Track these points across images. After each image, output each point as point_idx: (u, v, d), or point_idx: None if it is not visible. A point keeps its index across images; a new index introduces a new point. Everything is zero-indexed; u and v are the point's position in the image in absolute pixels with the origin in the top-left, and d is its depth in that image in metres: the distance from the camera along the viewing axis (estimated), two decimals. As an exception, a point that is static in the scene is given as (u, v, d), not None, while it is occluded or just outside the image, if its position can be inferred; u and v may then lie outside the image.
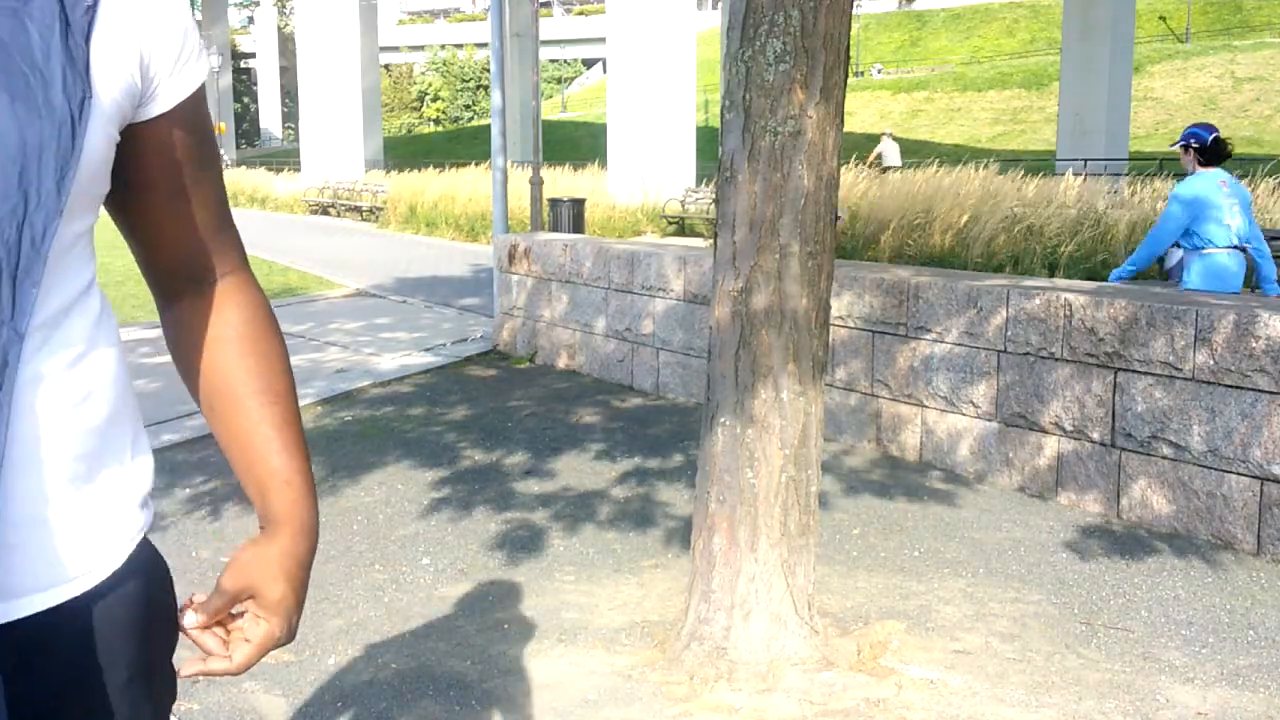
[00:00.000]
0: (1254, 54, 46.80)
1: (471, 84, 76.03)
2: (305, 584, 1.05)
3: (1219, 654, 3.31)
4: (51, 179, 0.81)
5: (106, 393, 0.92)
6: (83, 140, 0.83)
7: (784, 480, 3.17)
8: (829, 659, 3.17)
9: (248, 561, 1.02)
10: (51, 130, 0.81)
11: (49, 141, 0.81)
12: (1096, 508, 4.59)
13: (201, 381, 1.06)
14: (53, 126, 0.81)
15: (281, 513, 1.04)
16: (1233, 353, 4.10)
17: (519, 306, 8.24)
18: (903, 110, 50.42)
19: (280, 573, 1.02)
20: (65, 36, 0.83)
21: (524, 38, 33.49)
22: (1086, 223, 12.98)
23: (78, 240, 0.89)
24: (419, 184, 24.34)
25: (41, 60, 0.81)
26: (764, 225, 3.12)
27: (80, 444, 0.89)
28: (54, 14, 0.83)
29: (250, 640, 1.01)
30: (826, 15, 3.04)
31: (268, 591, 1.02)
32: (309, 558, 1.05)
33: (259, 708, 3.01)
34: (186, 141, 0.98)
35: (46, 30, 0.82)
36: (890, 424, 5.48)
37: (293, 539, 1.04)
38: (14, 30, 0.81)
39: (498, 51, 9.39)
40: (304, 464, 1.07)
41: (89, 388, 0.90)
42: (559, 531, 4.41)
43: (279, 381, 1.06)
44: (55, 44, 0.82)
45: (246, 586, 1.02)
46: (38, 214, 0.80)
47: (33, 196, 0.80)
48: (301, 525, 1.05)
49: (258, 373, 1.04)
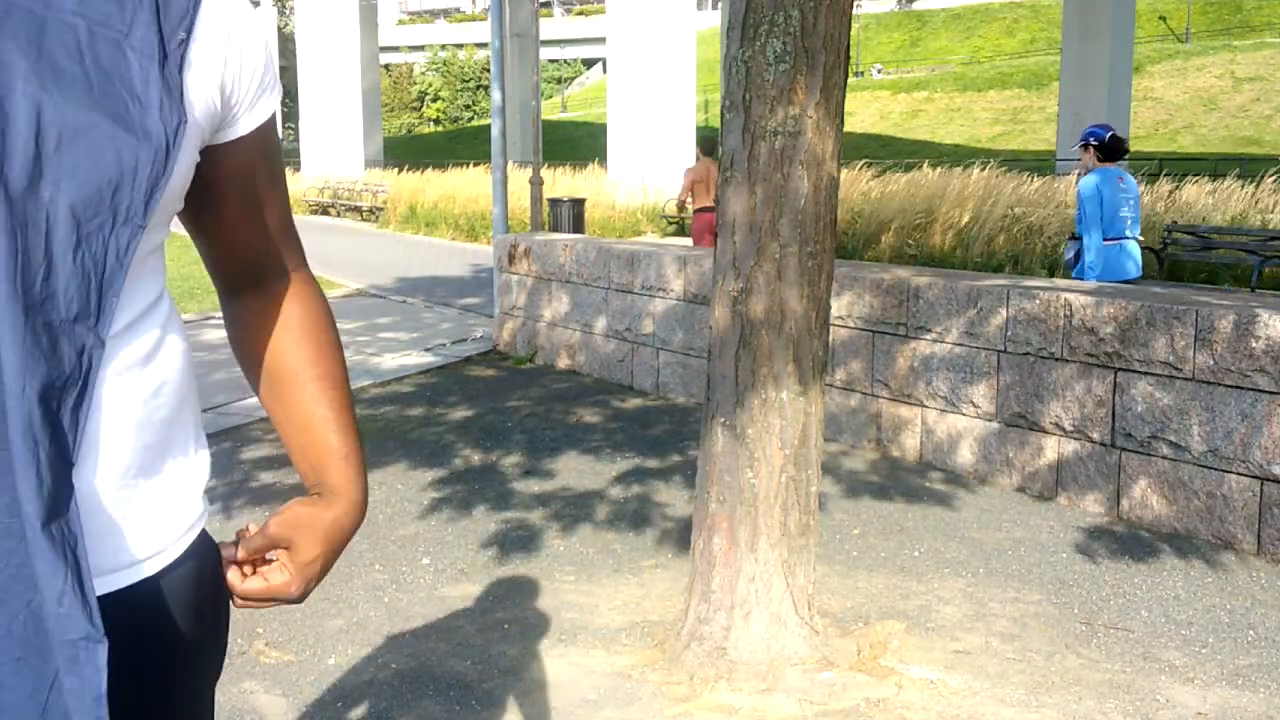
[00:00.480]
0: (1254, 54, 46.80)
1: (471, 84, 76.03)
2: (337, 556, 1.13)
3: (1219, 654, 3.31)
4: (141, 198, 0.87)
5: (174, 390, 0.99)
6: (174, 165, 0.90)
7: (784, 480, 3.17)
8: (829, 659, 3.17)
9: (298, 515, 1.10)
10: (147, 153, 0.87)
11: (144, 164, 0.87)
12: (1096, 508, 4.59)
13: (264, 367, 1.14)
14: (149, 150, 0.88)
15: (339, 485, 1.12)
16: (1233, 353, 4.10)
17: (519, 306, 8.24)
18: (903, 110, 50.43)
19: (322, 537, 1.10)
20: (163, 66, 0.90)
21: (524, 38, 33.48)
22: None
23: (153, 253, 0.97)
24: (419, 184, 24.33)
25: (140, 87, 0.88)
26: (764, 226, 3.12)
27: (150, 437, 0.96)
28: (154, 45, 0.90)
29: (267, 581, 1.09)
30: (826, 15, 3.04)
31: (304, 549, 1.09)
32: (351, 533, 1.13)
33: (259, 708, 3.01)
34: (259, 161, 1.06)
35: (146, 60, 0.89)
36: (890, 424, 5.48)
37: (345, 510, 1.12)
38: (115, 58, 0.87)
39: (498, 51, 9.39)
40: (359, 444, 1.15)
41: (159, 386, 0.97)
42: (559, 531, 4.42)
43: (336, 369, 1.15)
44: (154, 73, 0.89)
45: (288, 536, 1.09)
46: (124, 230, 0.86)
47: (121, 214, 0.86)
48: (355, 500, 1.13)
49: (316, 360, 1.13)
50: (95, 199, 0.84)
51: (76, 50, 0.85)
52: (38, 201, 0.81)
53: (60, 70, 0.84)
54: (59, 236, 0.82)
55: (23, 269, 0.80)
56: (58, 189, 0.82)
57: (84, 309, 0.84)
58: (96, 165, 0.84)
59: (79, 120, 0.84)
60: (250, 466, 5.31)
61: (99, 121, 0.85)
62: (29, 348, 0.80)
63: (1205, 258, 11.26)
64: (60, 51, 0.84)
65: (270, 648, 3.38)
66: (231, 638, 3.38)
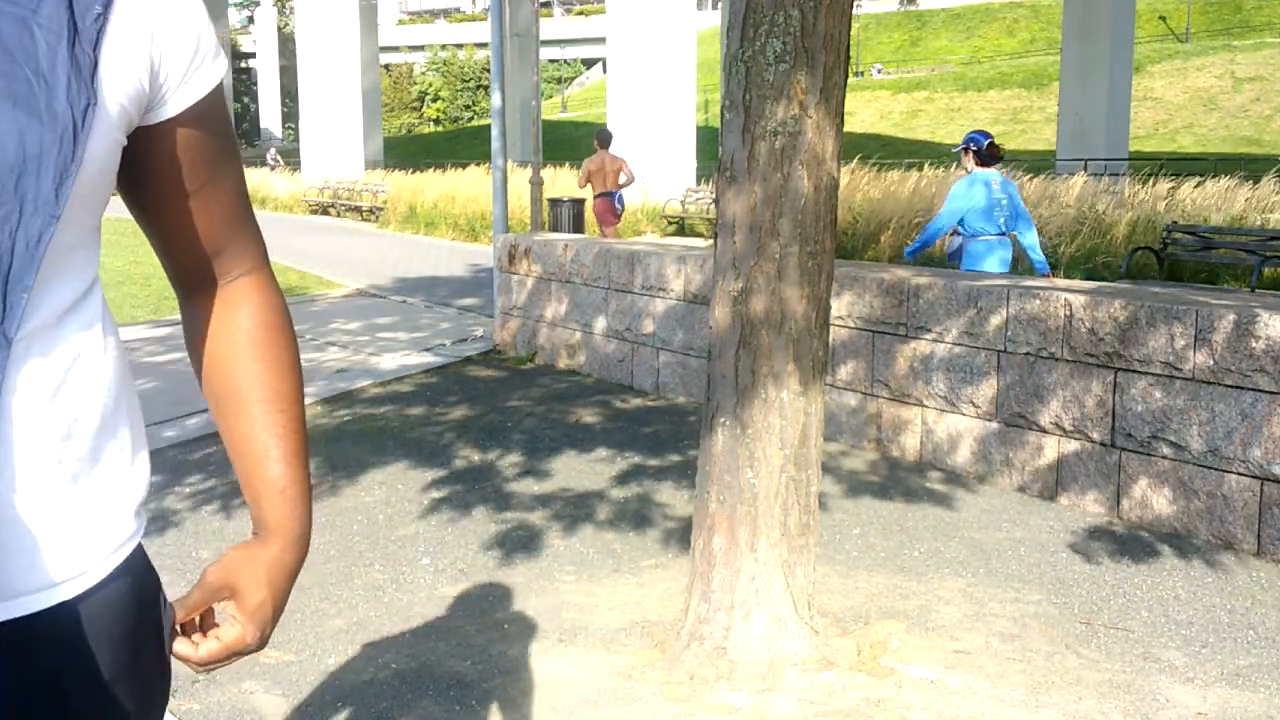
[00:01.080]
0: (1254, 54, 46.80)
1: (471, 84, 76.04)
2: (287, 594, 1.06)
3: (1219, 654, 3.31)
4: (50, 185, 0.81)
5: (101, 398, 0.91)
6: (84, 148, 0.83)
7: (784, 480, 3.17)
8: (829, 659, 3.17)
9: (235, 562, 1.03)
10: (52, 137, 0.81)
11: (50, 148, 0.81)
12: (1096, 508, 4.59)
13: (209, 380, 1.06)
14: (54, 133, 0.81)
15: (274, 522, 1.05)
16: (1233, 352, 4.10)
17: (519, 306, 8.24)
18: (903, 110, 50.43)
19: (265, 579, 1.03)
20: (73, 44, 0.83)
21: (524, 38, 33.49)
22: (1087, 223, 12.98)
23: (77, 244, 0.89)
24: (420, 184, 24.33)
25: (47, 67, 0.82)
26: (764, 226, 3.12)
27: (71, 449, 0.88)
28: (63, 22, 0.83)
29: (220, 640, 1.02)
30: (826, 15, 3.04)
31: (249, 595, 1.03)
32: (296, 569, 1.06)
33: (259, 708, 3.01)
34: (202, 141, 0.98)
35: (54, 38, 0.83)
36: (890, 424, 5.48)
37: (283, 549, 1.05)
38: (20, 36, 0.81)
39: (498, 51, 9.39)
40: (302, 474, 1.06)
41: (83, 393, 0.89)
42: (559, 531, 4.42)
43: (286, 387, 1.06)
44: (62, 51, 0.83)
45: (229, 585, 1.03)
46: (33, 220, 0.80)
47: (29, 203, 0.80)
48: (293, 537, 1.05)
49: (264, 379, 1.04)
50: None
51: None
52: None
53: None
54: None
55: None
56: None
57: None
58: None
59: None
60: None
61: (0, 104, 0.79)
62: None
63: (1205, 258, 11.27)
64: None
65: (270, 648, 3.38)
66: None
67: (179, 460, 5.42)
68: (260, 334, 1.05)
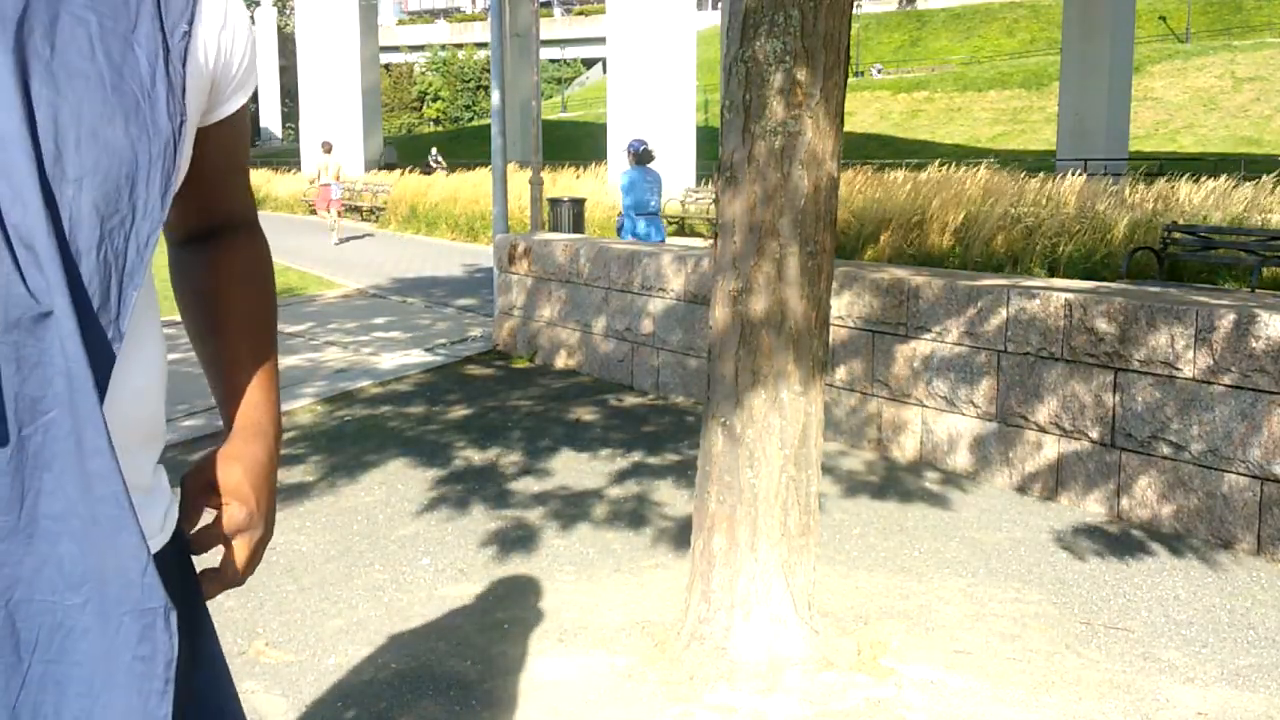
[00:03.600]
0: (1254, 54, 46.80)
1: (471, 84, 75.99)
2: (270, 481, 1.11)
3: (1219, 654, 3.31)
4: (157, 194, 0.89)
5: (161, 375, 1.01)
6: (183, 157, 0.92)
7: (784, 480, 3.17)
8: (829, 659, 3.17)
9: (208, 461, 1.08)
10: (159, 148, 0.89)
11: (156, 159, 0.89)
12: (1096, 508, 4.59)
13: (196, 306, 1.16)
14: (159, 145, 0.90)
15: (246, 418, 1.12)
16: (1233, 353, 4.10)
17: (518, 306, 8.24)
18: (903, 110, 50.42)
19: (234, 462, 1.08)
20: (167, 62, 0.92)
21: (524, 38, 33.46)
22: (1086, 222, 12.99)
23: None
24: (421, 185, 24.32)
25: (149, 84, 0.90)
26: (764, 226, 3.12)
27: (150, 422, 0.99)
28: (157, 41, 0.91)
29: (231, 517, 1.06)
30: (826, 15, 3.04)
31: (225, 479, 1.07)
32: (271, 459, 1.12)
33: (259, 708, 3.01)
34: (234, 137, 1.10)
35: (152, 55, 0.91)
36: (890, 424, 5.48)
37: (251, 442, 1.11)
38: (124, 54, 0.89)
39: (498, 51, 9.39)
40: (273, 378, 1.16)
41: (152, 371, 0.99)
42: (558, 531, 4.41)
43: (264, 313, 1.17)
44: (160, 69, 0.91)
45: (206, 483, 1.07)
46: (144, 224, 0.88)
47: (140, 209, 0.88)
48: (262, 429, 1.12)
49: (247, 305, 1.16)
50: (115, 195, 0.86)
51: (89, 47, 0.86)
52: (62, 200, 0.83)
53: (74, 68, 0.85)
54: (83, 233, 0.84)
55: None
56: (80, 187, 0.84)
57: (104, 303, 0.86)
58: (115, 162, 0.86)
59: (96, 118, 0.85)
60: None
61: (115, 119, 0.86)
62: None
63: (1205, 258, 11.26)
64: (74, 49, 0.85)
65: (270, 648, 3.38)
66: (231, 638, 3.40)
67: (179, 461, 5.42)
68: (248, 270, 1.17)
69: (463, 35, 78.44)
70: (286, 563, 4.09)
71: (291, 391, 7.05)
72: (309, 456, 5.49)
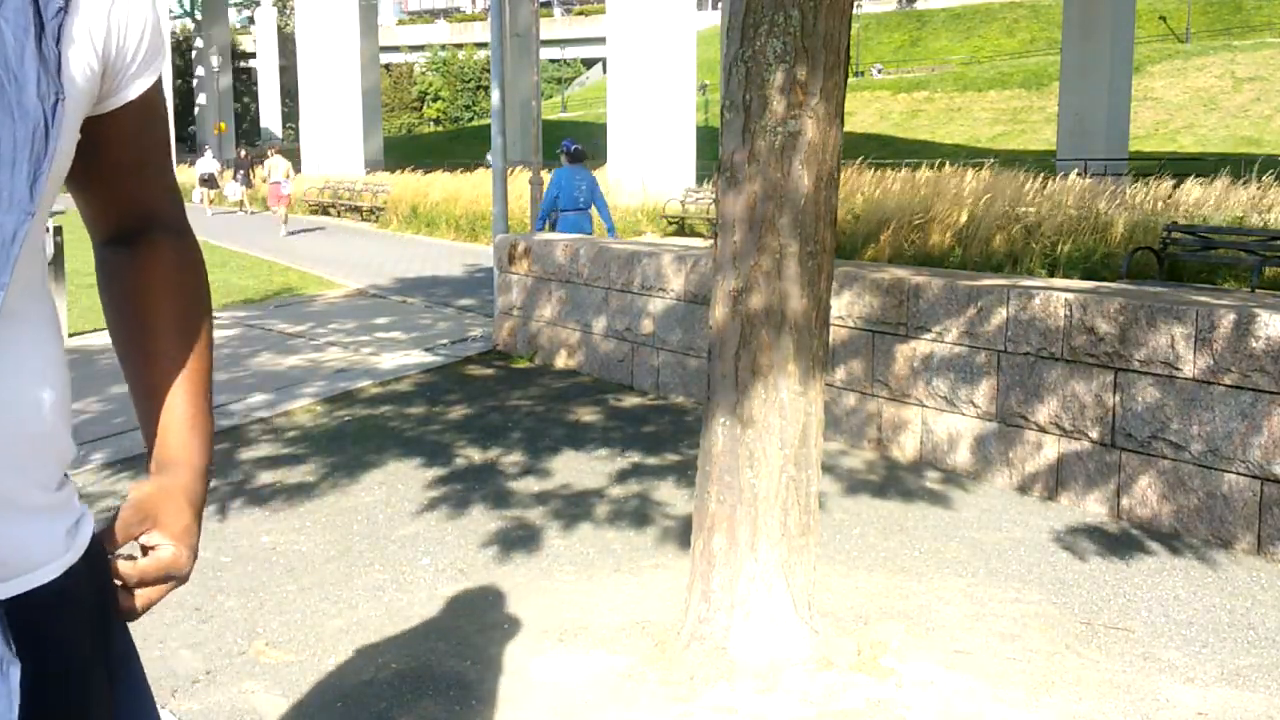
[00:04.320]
0: (1254, 54, 46.80)
1: (471, 84, 75.99)
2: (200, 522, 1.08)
3: (1219, 654, 3.31)
4: (24, 182, 0.80)
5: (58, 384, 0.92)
6: (56, 142, 0.83)
7: (784, 480, 3.17)
8: (829, 659, 3.17)
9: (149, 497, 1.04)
10: (25, 133, 0.81)
11: (23, 144, 0.81)
12: (1096, 508, 4.59)
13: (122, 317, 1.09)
14: (26, 129, 0.81)
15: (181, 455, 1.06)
16: (1233, 353, 4.10)
17: (518, 306, 8.24)
18: (903, 110, 50.43)
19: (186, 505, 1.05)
20: (39, 39, 0.83)
21: (524, 38, 33.44)
22: (1086, 222, 12.99)
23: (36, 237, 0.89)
24: (421, 185, 24.32)
25: (15, 63, 0.81)
26: (764, 225, 3.12)
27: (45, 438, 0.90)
28: (28, 16, 0.83)
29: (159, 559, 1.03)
30: (826, 15, 3.04)
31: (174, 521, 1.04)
32: (204, 497, 1.09)
33: (259, 708, 3.01)
34: (144, 125, 1.02)
35: (21, 32, 0.82)
36: (890, 424, 5.48)
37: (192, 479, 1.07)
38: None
39: (498, 51, 9.38)
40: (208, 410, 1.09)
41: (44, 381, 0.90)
42: (558, 531, 4.41)
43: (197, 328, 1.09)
44: (29, 46, 0.82)
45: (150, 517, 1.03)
46: (8, 217, 0.79)
47: (4, 200, 0.79)
48: (198, 469, 1.08)
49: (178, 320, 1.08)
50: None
51: None
52: None
53: None
54: None
55: None
56: None
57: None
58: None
59: None
60: (249, 466, 5.31)
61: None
62: None
63: (1205, 258, 11.27)
64: None
65: (270, 648, 3.38)
66: (231, 638, 3.40)
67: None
68: (177, 277, 1.09)
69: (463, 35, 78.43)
70: (286, 563, 4.09)
71: (291, 391, 7.05)
72: (309, 457, 5.49)
